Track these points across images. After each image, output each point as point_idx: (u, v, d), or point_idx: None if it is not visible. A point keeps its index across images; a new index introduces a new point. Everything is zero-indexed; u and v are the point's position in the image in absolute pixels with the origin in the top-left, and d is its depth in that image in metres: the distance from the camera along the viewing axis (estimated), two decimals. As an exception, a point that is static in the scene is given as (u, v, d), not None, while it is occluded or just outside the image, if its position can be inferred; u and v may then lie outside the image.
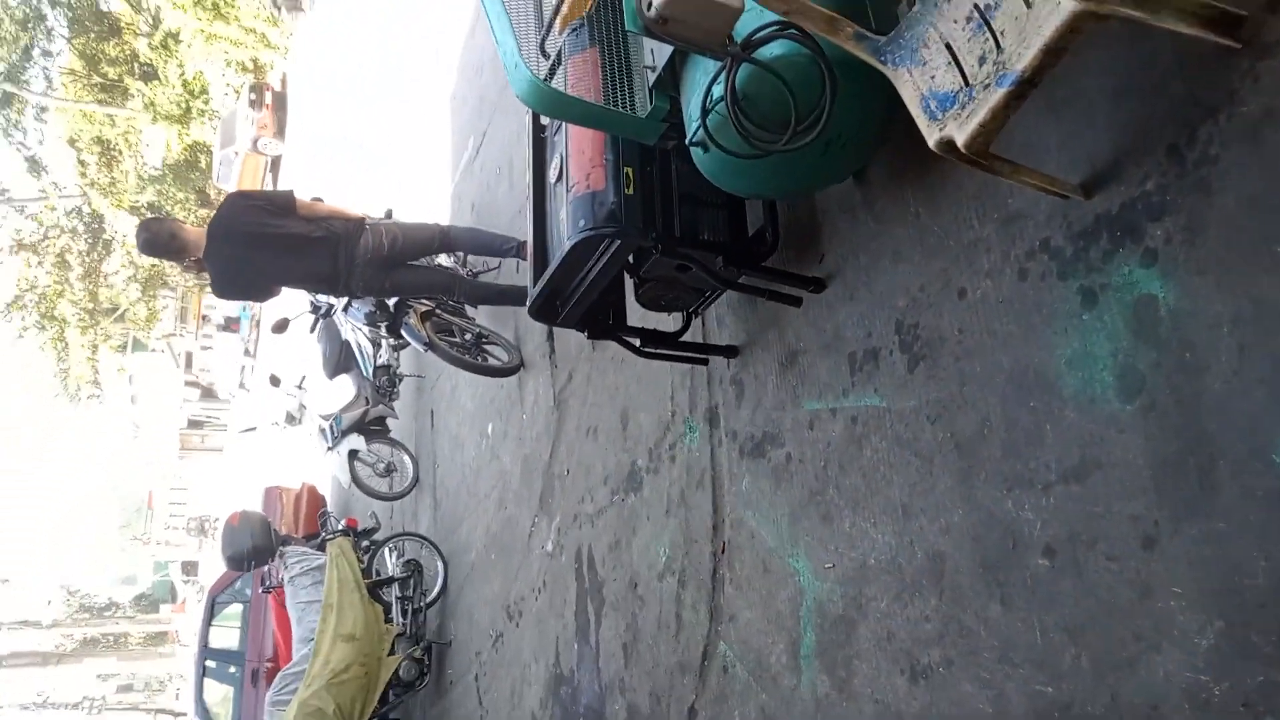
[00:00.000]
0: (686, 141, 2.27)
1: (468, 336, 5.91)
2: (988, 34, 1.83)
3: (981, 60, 1.84)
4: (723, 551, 3.32)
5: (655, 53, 2.47)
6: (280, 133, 23.18)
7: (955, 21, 1.92)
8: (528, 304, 2.87)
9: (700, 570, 3.45)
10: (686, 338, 3.45)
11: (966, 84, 1.87)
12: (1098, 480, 1.89)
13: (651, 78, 2.47)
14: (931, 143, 1.89)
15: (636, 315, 3.49)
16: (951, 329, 2.36)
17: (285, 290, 5.53)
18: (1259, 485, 1.58)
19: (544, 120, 3.19)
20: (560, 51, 2.91)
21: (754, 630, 3.05)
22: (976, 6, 1.87)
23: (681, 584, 3.56)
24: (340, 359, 7.67)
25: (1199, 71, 1.74)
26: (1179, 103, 1.78)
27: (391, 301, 5.88)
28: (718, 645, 3.30)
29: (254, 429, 20.11)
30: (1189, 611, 1.67)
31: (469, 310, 6.34)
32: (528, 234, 2.93)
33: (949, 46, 1.93)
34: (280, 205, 4.98)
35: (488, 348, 5.93)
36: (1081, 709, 1.86)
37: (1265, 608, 1.55)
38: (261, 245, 4.90)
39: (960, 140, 1.81)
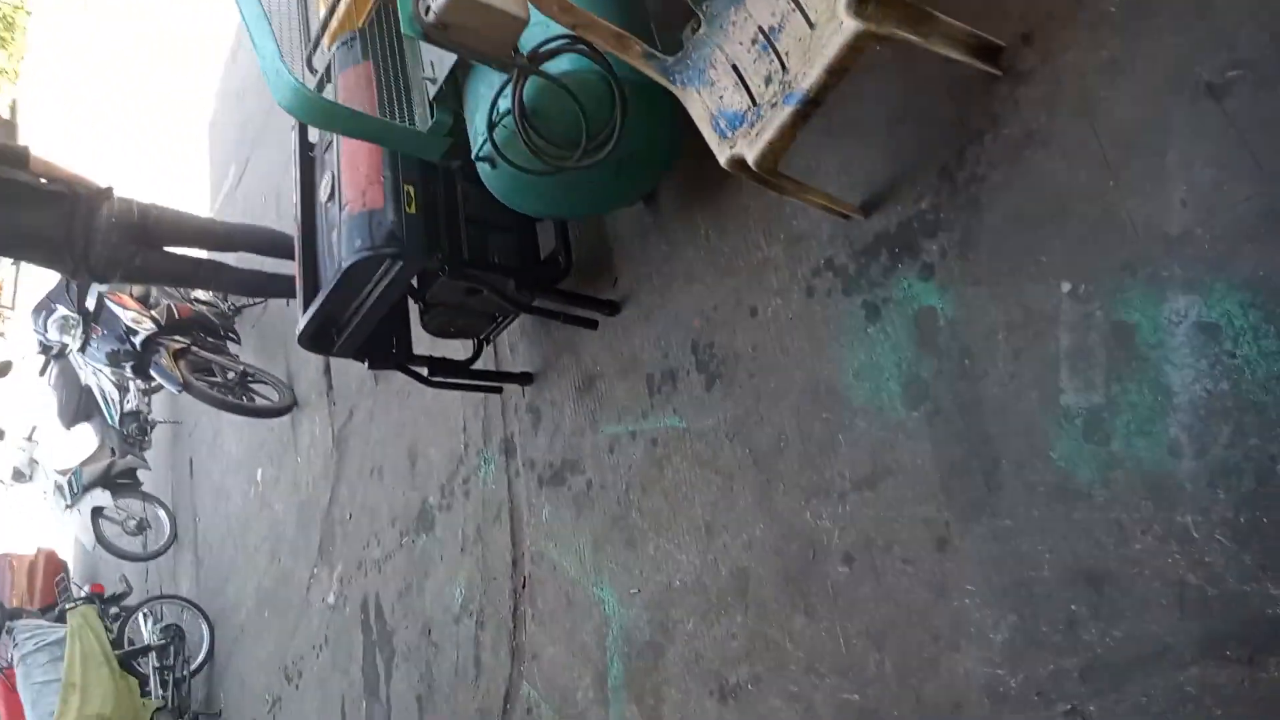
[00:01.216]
0: (472, 156, 2.15)
1: (230, 375, 5.37)
2: (773, 55, 1.86)
3: (768, 80, 1.86)
4: (523, 587, 3.17)
5: (436, 64, 2.33)
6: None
7: (741, 43, 1.94)
8: (298, 333, 2.61)
9: (500, 609, 3.28)
10: (478, 366, 3.29)
11: (754, 103, 1.89)
12: (889, 486, 1.95)
13: (432, 90, 2.33)
14: (723, 160, 1.89)
15: (424, 343, 3.29)
16: (745, 347, 2.38)
17: (5, 264, 4.61)
18: (1039, 482, 1.68)
19: (314, 138, 2.94)
20: (329, 67, 2.70)
21: (558, 667, 2.93)
22: (761, 29, 1.89)
23: (480, 625, 3.37)
24: (80, 406, 6.78)
25: (966, 97, 1.86)
26: (949, 127, 1.89)
27: (138, 340, 5.23)
28: (520, 687, 3.14)
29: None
30: (983, 608, 1.74)
31: (231, 347, 5.79)
32: (295, 257, 2.66)
33: (735, 67, 1.94)
34: (11, 156, 4.20)
35: (254, 387, 5.42)
36: (888, 713, 1.89)
37: (1051, 598, 1.64)
38: None
39: (750, 158, 1.81)
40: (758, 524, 2.26)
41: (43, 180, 4.22)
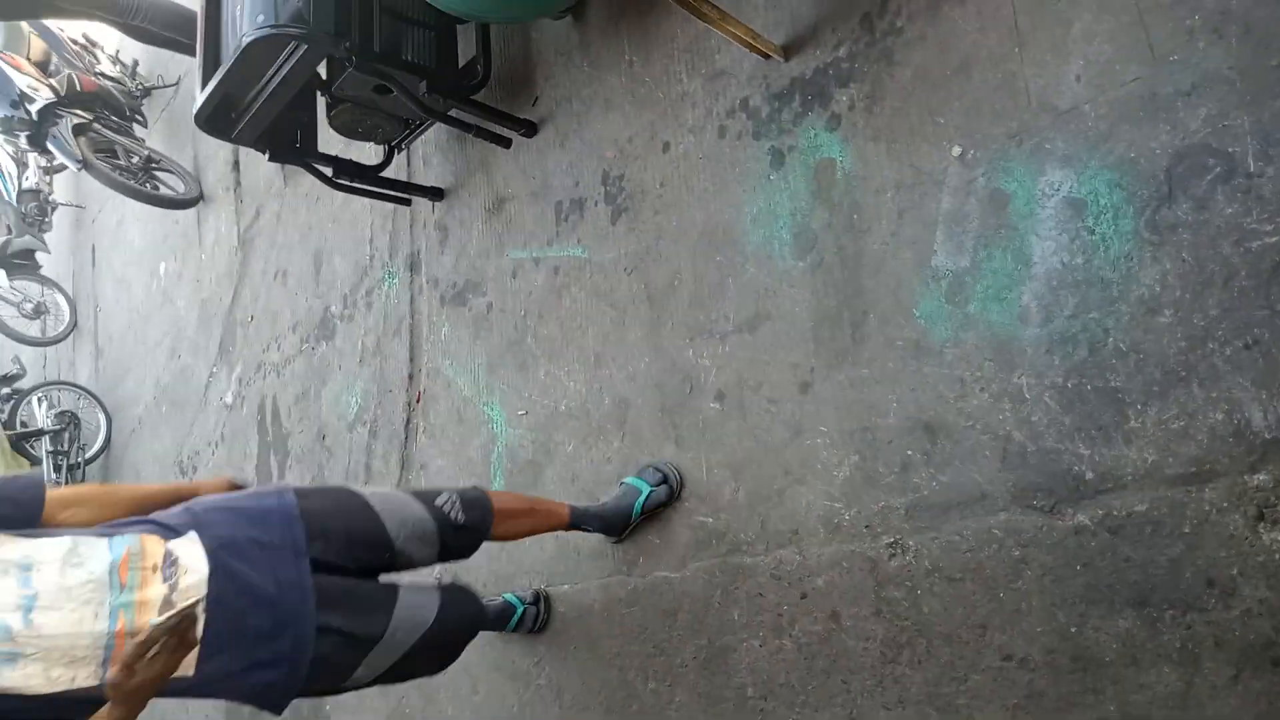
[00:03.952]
0: (385, -66, 2.01)
1: (135, 160, 5.10)
2: None
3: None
4: (418, 401, 3.22)
5: None
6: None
7: None
8: (194, 111, 2.48)
9: (393, 420, 3.34)
10: (389, 174, 3.20)
11: (686, -82, 1.81)
12: (767, 331, 2.02)
13: None
14: (646, -25, 1.82)
15: (336, 145, 3.17)
16: (654, 183, 2.37)
17: None
18: (899, 336, 1.76)
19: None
20: None
21: (444, 478, 3.02)
22: None
23: (373, 434, 3.43)
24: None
25: (895, -60, 1.81)
26: (875, -30, 1.85)
27: (34, 108, 4.89)
28: (408, 495, 3.24)
29: None
30: (830, 448, 1.86)
31: (138, 130, 5.47)
32: (198, 24, 2.50)
33: (673, -124, 1.84)
34: None
35: (159, 174, 5.17)
36: (735, 536, 2.03)
37: (891, 443, 1.75)
38: None
39: (674, -25, 1.75)
40: (643, 358, 2.33)
41: None
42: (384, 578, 1.74)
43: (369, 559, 1.67)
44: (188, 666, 1.35)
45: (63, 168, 5.86)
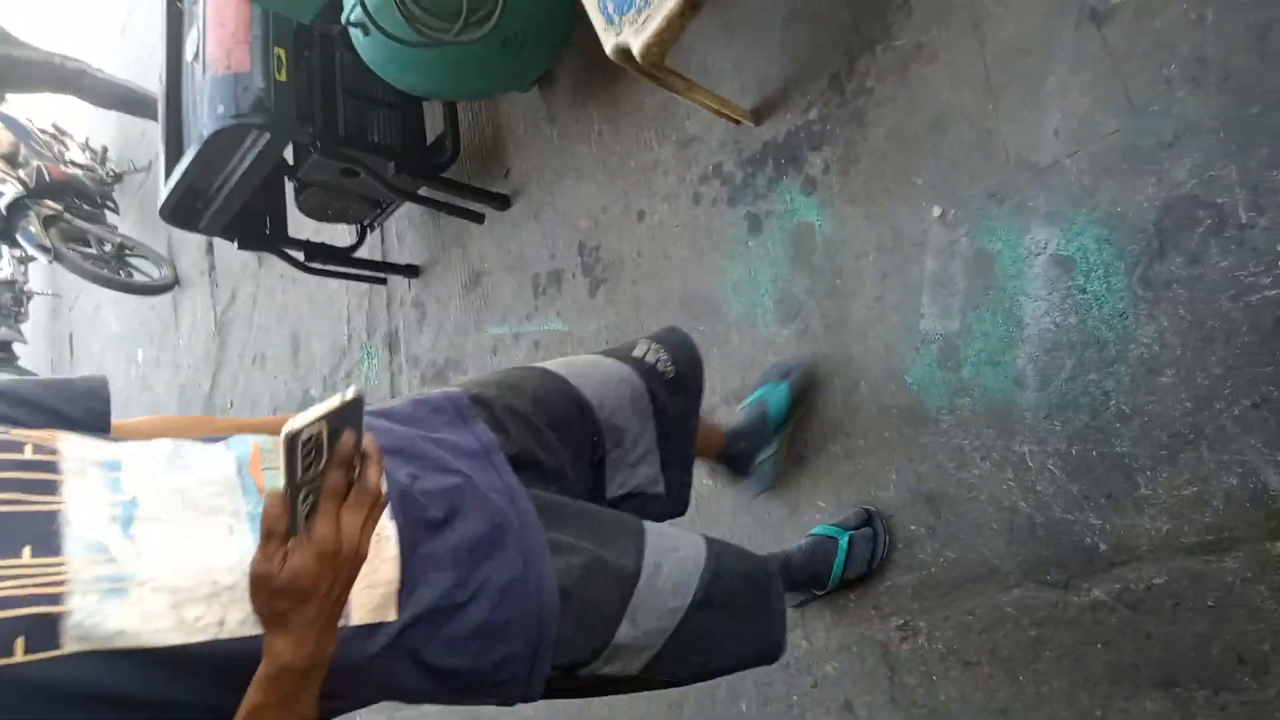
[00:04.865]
0: (342, 20, 1.98)
1: (107, 248, 5.04)
2: (667, -63, 1.74)
3: (660, -35, 1.75)
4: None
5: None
6: None
7: (636, -78, 1.81)
8: (159, 204, 2.42)
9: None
10: (363, 254, 3.15)
11: (645, -11, 1.77)
12: (756, 402, 1.94)
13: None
14: (608, 49, 1.78)
15: (308, 227, 3.12)
16: (631, 252, 2.32)
17: None
18: (893, 405, 1.69)
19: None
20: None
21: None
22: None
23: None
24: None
25: (862, 1, 1.78)
26: (844, 32, 1.82)
27: (2, 203, 4.84)
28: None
29: None
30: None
31: (110, 217, 5.43)
32: (159, 113, 2.46)
33: (629, -53, 1.82)
34: None
35: (133, 261, 5.11)
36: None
37: (893, 518, 1.67)
38: None
39: (636, 48, 1.71)
40: (628, 432, 2.25)
41: None
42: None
43: (577, 442, 1.18)
44: (388, 605, 0.87)
45: (35, 259, 5.81)
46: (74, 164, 5.41)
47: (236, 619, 0.77)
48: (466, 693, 0.97)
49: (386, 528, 0.88)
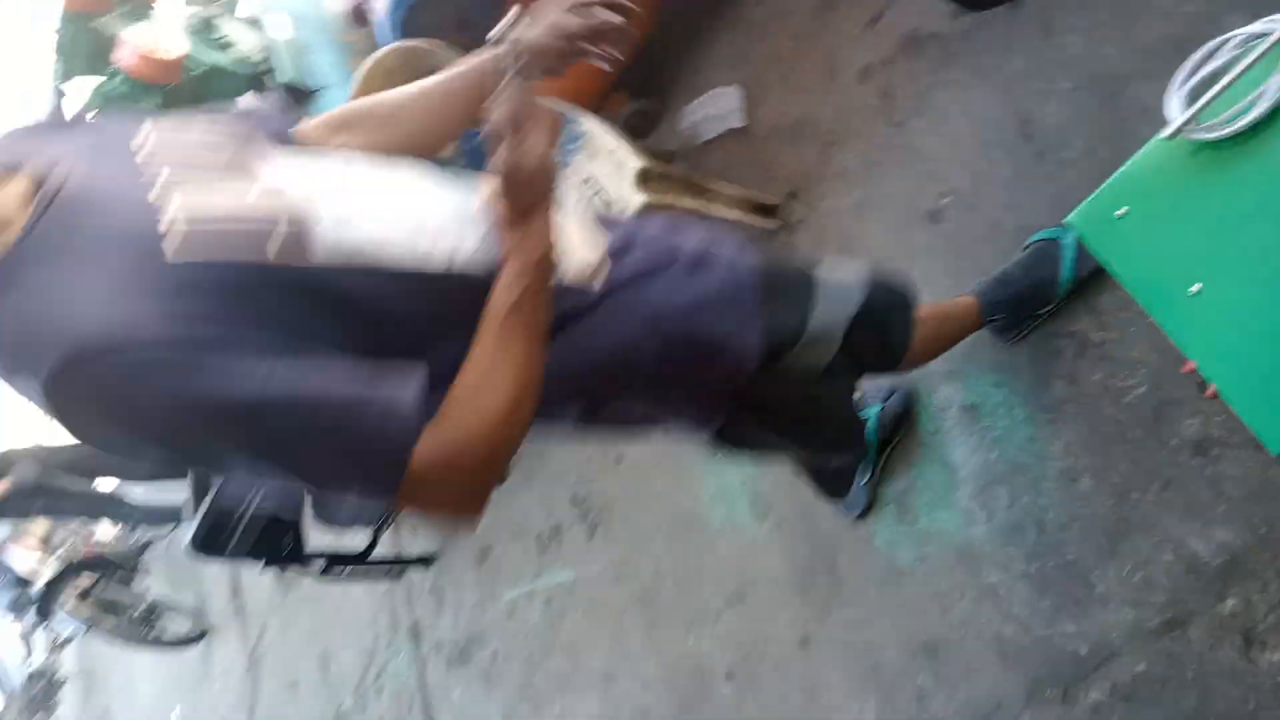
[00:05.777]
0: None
1: (137, 612, 5.19)
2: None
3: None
4: (443, 778, 3.09)
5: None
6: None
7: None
8: (187, 539, 2.66)
9: (422, 807, 3.17)
10: (379, 553, 3.34)
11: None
12: (753, 598, 2.08)
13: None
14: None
15: (326, 537, 3.33)
16: (618, 493, 2.54)
17: None
18: (872, 568, 1.84)
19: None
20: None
21: None
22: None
23: (405, 830, 3.23)
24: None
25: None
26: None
27: (38, 586, 5.05)
28: None
29: None
30: (849, 698, 1.84)
31: (140, 581, 5.62)
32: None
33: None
34: None
35: (162, 620, 5.23)
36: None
37: (901, 675, 1.76)
38: None
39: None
40: (649, 660, 2.34)
41: None
42: None
43: None
44: (599, 273, 1.01)
45: (70, 640, 5.91)
46: (102, 541, 5.68)
47: (468, 248, 0.90)
48: (692, 362, 1.10)
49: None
